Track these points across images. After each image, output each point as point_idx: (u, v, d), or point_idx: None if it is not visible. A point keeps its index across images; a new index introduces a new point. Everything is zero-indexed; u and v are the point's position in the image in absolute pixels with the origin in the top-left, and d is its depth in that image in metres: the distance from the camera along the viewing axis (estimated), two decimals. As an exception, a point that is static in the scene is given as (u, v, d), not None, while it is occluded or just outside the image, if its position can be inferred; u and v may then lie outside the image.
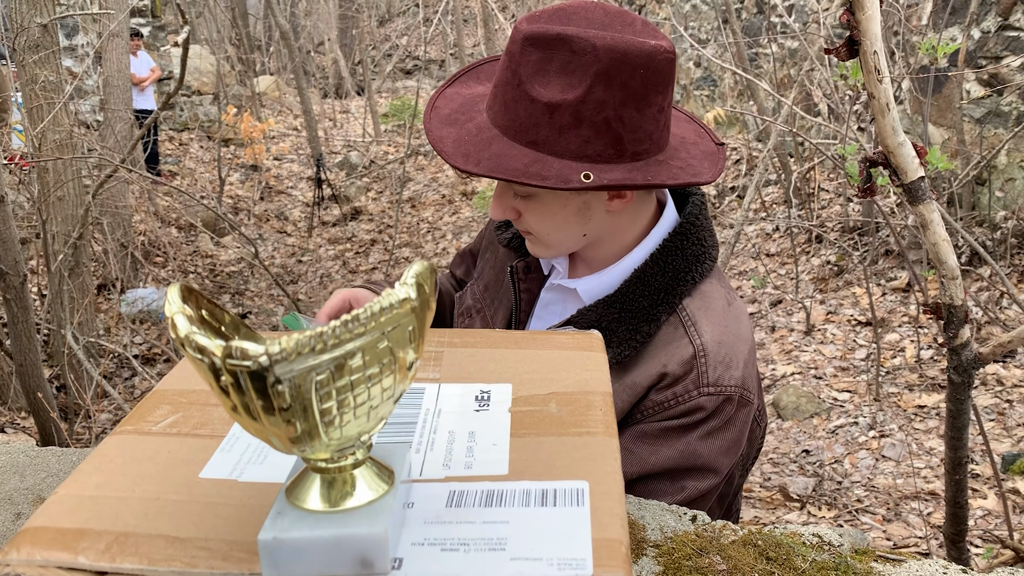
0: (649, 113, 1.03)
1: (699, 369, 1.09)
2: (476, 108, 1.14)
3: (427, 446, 0.66)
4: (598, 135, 1.02)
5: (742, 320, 1.15)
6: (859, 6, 1.35)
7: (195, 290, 0.53)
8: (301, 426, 0.47)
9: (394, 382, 0.50)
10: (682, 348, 1.10)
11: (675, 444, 1.09)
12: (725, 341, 1.11)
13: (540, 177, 1.01)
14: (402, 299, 0.48)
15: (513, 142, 1.05)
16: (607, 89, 1.00)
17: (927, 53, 2.86)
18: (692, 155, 1.11)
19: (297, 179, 11.43)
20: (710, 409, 1.09)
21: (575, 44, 0.99)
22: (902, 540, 3.48)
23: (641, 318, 1.12)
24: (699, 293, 1.14)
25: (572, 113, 1.01)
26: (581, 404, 0.70)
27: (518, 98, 1.04)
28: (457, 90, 1.20)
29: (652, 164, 1.05)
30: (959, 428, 1.82)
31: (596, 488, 0.58)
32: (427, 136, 1.13)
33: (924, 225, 1.51)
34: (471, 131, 1.09)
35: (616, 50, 0.99)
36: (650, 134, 1.05)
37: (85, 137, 6.30)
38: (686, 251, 1.14)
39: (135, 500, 0.60)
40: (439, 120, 1.14)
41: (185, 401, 0.73)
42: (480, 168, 1.04)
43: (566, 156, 1.03)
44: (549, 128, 1.02)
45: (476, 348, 0.81)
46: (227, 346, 0.44)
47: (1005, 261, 5.12)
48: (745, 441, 1.17)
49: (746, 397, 1.11)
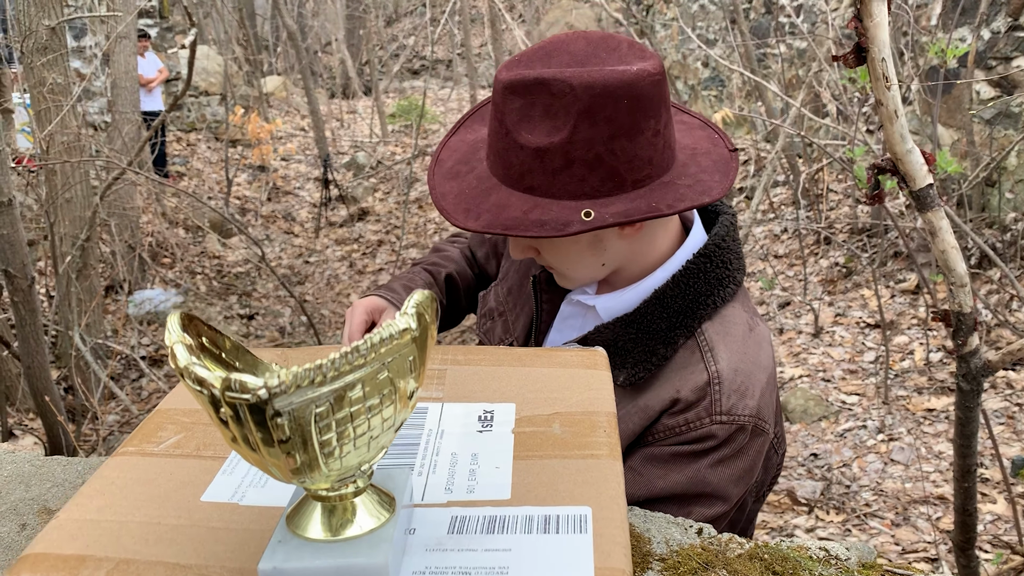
0: (642, 139, 1.01)
1: (712, 396, 1.07)
2: (478, 156, 1.13)
3: (429, 469, 0.65)
4: (592, 172, 1.00)
5: (763, 347, 1.13)
6: (867, 13, 1.34)
7: (195, 318, 0.53)
8: (301, 458, 0.47)
9: (395, 412, 0.49)
10: (697, 374, 1.08)
11: (684, 470, 1.08)
12: (742, 369, 1.09)
13: (538, 225, 1.00)
14: (402, 329, 0.47)
15: (512, 190, 1.05)
16: (592, 126, 0.98)
17: (937, 55, 2.85)
18: (703, 167, 1.08)
19: (304, 180, 11.45)
20: (722, 438, 1.07)
21: (553, 87, 0.98)
22: (911, 545, 3.46)
23: (658, 340, 1.11)
24: (720, 317, 1.12)
25: (562, 155, 1.00)
26: (585, 425, 0.70)
27: (508, 146, 1.04)
28: (462, 137, 1.20)
29: (657, 188, 1.03)
30: (968, 436, 1.80)
31: (599, 514, 0.58)
32: (430, 193, 1.12)
33: (933, 232, 1.50)
34: (471, 183, 1.09)
35: (595, 87, 0.97)
36: (649, 159, 1.03)
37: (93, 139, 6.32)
38: (709, 274, 1.12)
39: (136, 524, 0.59)
40: (442, 175, 1.14)
41: (188, 421, 0.73)
42: (480, 223, 1.03)
43: (564, 197, 1.01)
44: (542, 173, 1.01)
45: (479, 366, 0.80)
46: (226, 379, 0.44)
47: (1015, 263, 5.09)
48: (759, 469, 1.15)
49: (760, 427, 1.09)
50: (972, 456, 1.85)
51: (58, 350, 5.24)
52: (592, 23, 14.39)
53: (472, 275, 1.58)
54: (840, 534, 3.63)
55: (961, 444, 1.82)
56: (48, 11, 4.64)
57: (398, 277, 1.50)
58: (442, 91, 15.82)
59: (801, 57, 7.55)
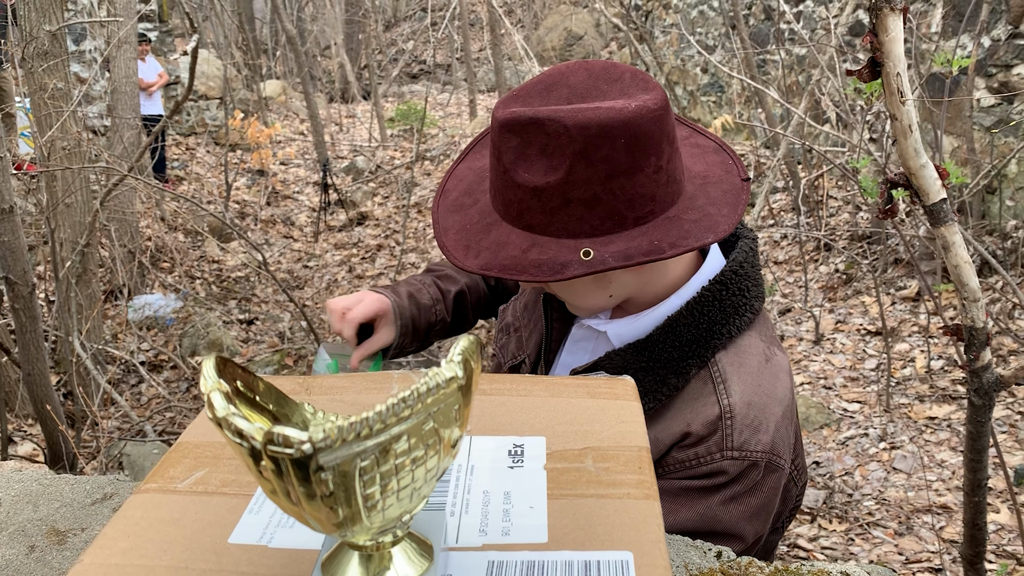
0: (642, 177, 0.98)
1: (724, 431, 1.04)
2: (482, 187, 1.11)
3: (462, 508, 0.64)
4: (591, 211, 0.98)
5: (779, 378, 1.09)
6: (882, 28, 1.33)
7: (229, 360, 0.51)
8: (343, 512, 0.45)
9: (438, 461, 0.48)
10: (708, 407, 1.05)
11: (695, 506, 1.05)
12: (756, 402, 1.05)
13: (535, 267, 0.98)
14: (449, 378, 0.46)
15: (512, 226, 1.03)
16: (589, 167, 0.96)
17: (941, 65, 2.84)
18: (712, 199, 1.05)
19: (303, 184, 11.43)
20: (733, 474, 1.04)
21: (548, 127, 0.96)
22: (914, 555, 3.45)
23: (669, 370, 1.08)
24: (735, 347, 1.09)
25: (559, 195, 0.98)
26: (619, 460, 0.68)
27: (506, 184, 1.02)
28: (470, 164, 1.18)
29: (661, 224, 1.00)
30: (979, 450, 1.79)
31: (641, 560, 0.56)
32: (433, 227, 1.11)
33: (946, 247, 1.49)
34: (474, 218, 1.08)
35: (590, 127, 0.94)
36: (651, 196, 1.00)
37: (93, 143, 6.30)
38: (725, 302, 1.09)
39: (163, 569, 0.58)
40: (446, 207, 1.12)
41: (210, 455, 0.72)
42: (478, 262, 1.02)
43: (563, 236, 1.00)
44: (540, 211, 0.99)
45: (506, 396, 0.79)
46: (268, 432, 0.43)
47: (1016, 271, 5.09)
48: (777, 503, 1.12)
49: (775, 463, 1.06)
50: (983, 471, 1.84)
51: (58, 356, 5.21)
52: (591, 28, 14.40)
53: (485, 288, 1.56)
54: (843, 543, 3.62)
55: (972, 458, 1.80)
56: (49, 16, 4.62)
57: (408, 283, 1.48)
58: (441, 95, 15.82)
59: (801, 63, 7.55)
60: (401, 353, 1.45)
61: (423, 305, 1.44)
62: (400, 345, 1.44)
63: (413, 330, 1.43)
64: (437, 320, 1.46)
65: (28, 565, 0.93)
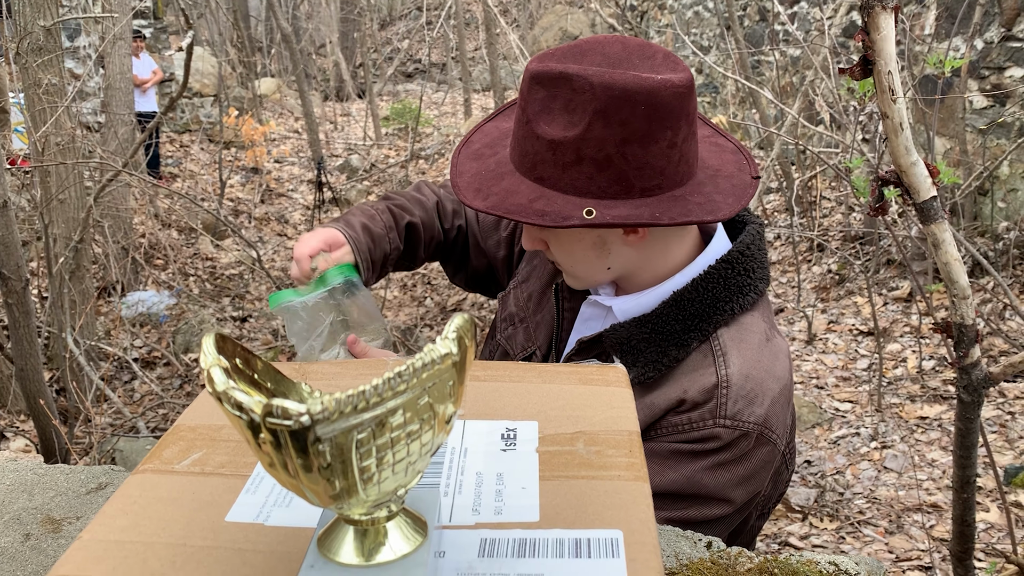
0: (656, 148, 1.02)
1: (719, 400, 1.07)
2: (504, 142, 1.15)
3: (455, 489, 0.65)
4: (600, 172, 1.02)
5: (779, 358, 1.13)
6: (874, 26, 1.34)
7: (228, 338, 0.52)
8: (340, 484, 0.46)
9: (433, 436, 0.49)
10: (706, 376, 1.09)
11: (681, 469, 1.08)
12: (753, 376, 1.08)
13: (539, 214, 1.02)
14: (444, 355, 0.47)
15: (524, 177, 1.07)
16: (606, 127, 1.00)
17: (935, 67, 2.87)
18: (719, 189, 1.08)
19: (298, 182, 11.42)
20: (725, 441, 1.07)
21: (575, 83, 1.00)
22: (904, 553, 3.47)
23: (671, 342, 1.11)
24: (737, 324, 1.12)
25: (574, 150, 1.01)
26: (609, 444, 0.69)
27: (526, 135, 1.06)
28: (498, 123, 1.22)
29: (665, 200, 1.04)
30: (968, 447, 1.81)
31: (630, 538, 0.58)
32: (451, 170, 1.15)
33: (936, 245, 1.51)
34: (490, 166, 1.12)
35: (614, 88, 0.98)
36: (661, 169, 1.03)
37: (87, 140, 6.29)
38: (730, 280, 1.12)
39: (162, 546, 0.59)
40: (467, 155, 1.16)
41: (207, 438, 0.72)
42: (486, 203, 1.06)
43: (570, 192, 1.03)
44: (553, 165, 1.03)
45: (500, 382, 0.80)
46: (267, 404, 0.44)
47: (1007, 272, 5.12)
48: (767, 480, 1.14)
49: (767, 436, 1.08)
50: (972, 467, 1.85)
51: (51, 352, 5.21)
52: (586, 28, 14.42)
53: (440, 230, 1.53)
54: (834, 541, 3.64)
55: (961, 455, 1.82)
56: (43, 11, 4.62)
57: (361, 211, 1.46)
58: (436, 94, 15.82)
59: (795, 65, 7.58)
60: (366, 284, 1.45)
61: (377, 235, 1.42)
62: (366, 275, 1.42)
63: (371, 262, 1.41)
64: (392, 248, 1.45)
65: (23, 553, 0.93)
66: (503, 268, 1.50)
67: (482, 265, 1.53)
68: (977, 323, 1.62)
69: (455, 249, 1.54)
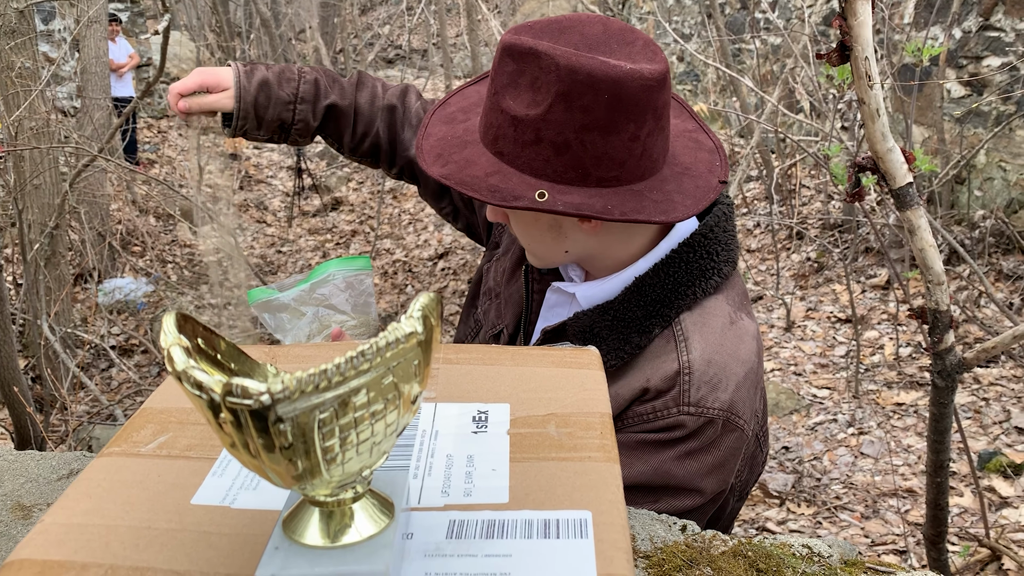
0: (616, 140, 0.99)
1: (681, 387, 1.05)
2: (477, 110, 1.13)
3: (425, 471, 0.64)
4: (558, 155, 1.00)
5: (743, 341, 1.10)
6: (851, 12, 1.34)
7: (190, 317, 0.51)
8: (303, 464, 0.46)
9: (398, 417, 0.48)
10: (668, 363, 1.07)
11: (649, 460, 1.06)
12: (716, 361, 1.07)
13: (491, 190, 1.01)
14: (408, 333, 0.46)
15: (486, 149, 1.06)
16: (567, 111, 0.98)
17: (912, 55, 2.88)
18: (682, 189, 1.06)
19: (277, 168, 11.33)
20: (690, 428, 1.05)
21: (542, 61, 0.98)
22: (880, 538, 3.51)
23: (633, 328, 1.09)
24: (700, 308, 1.10)
25: (534, 130, 1.00)
26: (580, 426, 0.69)
27: (492, 107, 1.04)
28: (478, 88, 1.20)
29: (621, 193, 1.02)
30: (942, 432, 1.83)
31: (599, 518, 0.57)
32: (419, 131, 1.13)
33: (912, 231, 1.51)
34: (458, 132, 1.10)
35: (579, 72, 0.96)
36: (620, 162, 1.01)
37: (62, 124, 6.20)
38: (691, 264, 1.10)
39: (125, 529, 0.58)
40: (440, 117, 1.15)
41: (174, 420, 0.71)
42: (442, 171, 1.05)
43: (526, 171, 1.02)
44: (513, 141, 1.02)
45: (472, 365, 0.79)
46: (227, 383, 0.43)
47: (983, 260, 5.17)
48: (739, 466, 1.13)
49: (733, 422, 1.07)
50: (945, 452, 1.87)
51: (26, 339, 5.15)
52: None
53: (387, 135, 1.48)
54: (811, 527, 3.67)
55: (934, 440, 1.84)
56: (16, -7, 4.55)
57: (282, 70, 1.42)
58: (417, 80, 15.72)
59: (776, 53, 7.59)
60: (247, 136, 1.41)
61: (277, 97, 1.38)
62: (242, 128, 1.39)
63: (256, 117, 1.37)
64: (296, 120, 1.40)
65: (-7, 539, 0.92)
66: (484, 225, 1.48)
67: (463, 204, 1.51)
68: (951, 309, 1.63)
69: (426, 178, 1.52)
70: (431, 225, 8.85)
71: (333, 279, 1.33)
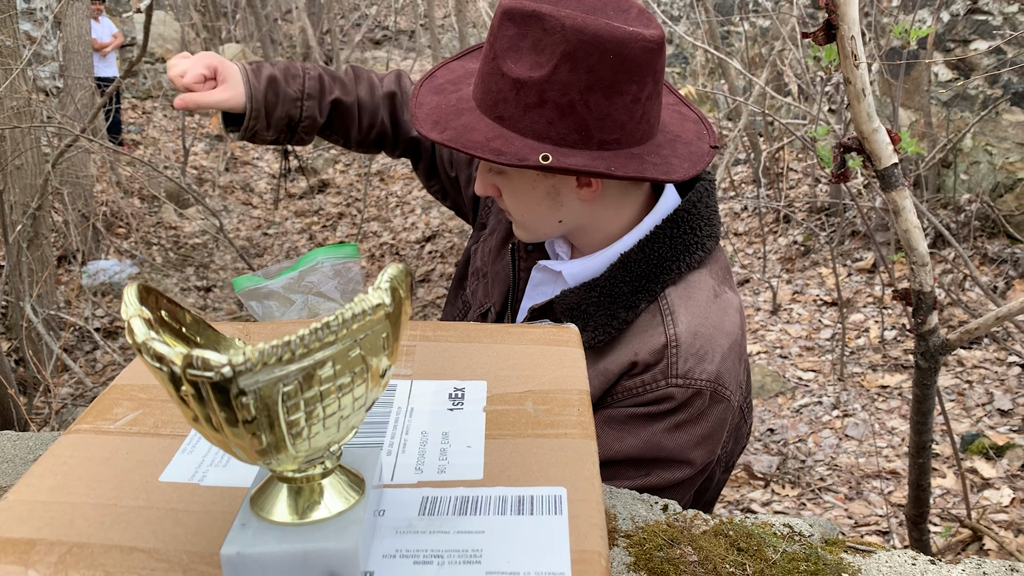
0: (620, 102, 1.01)
1: (669, 359, 1.06)
2: (468, 82, 1.13)
3: (399, 448, 0.63)
4: (562, 117, 1.01)
5: (727, 313, 1.12)
6: (838, -9, 1.33)
7: (154, 289, 0.50)
8: (267, 439, 0.45)
9: (366, 391, 0.47)
10: (655, 337, 1.08)
11: (640, 433, 1.08)
12: (702, 333, 1.08)
13: (495, 152, 1.01)
14: (375, 305, 0.45)
15: (484, 115, 1.05)
16: (572, 71, 0.98)
17: (900, 37, 2.87)
18: (677, 153, 1.08)
19: (263, 150, 11.25)
20: (679, 400, 1.07)
21: (547, 22, 0.98)
22: (863, 519, 3.54)
23: (619, 304, 1.10)
24: (685, 282, 1.12)
25: (537, 92, 1.00)
26: (558, 403, 0.68)
27: (491, 72, 1.04)
28: (464, 63, 1.20)
29: (621, 155, 1.03)
30: (924, 413, 1.83)
31: (574, 495, 0.56)
32: (409, 101, 1.12)
33: (896, 212, 1.51)
34: (451, 101, 1.09)
35: (585, 32, 0.97)
36: (622, 124, 1.02)
37: (44, 104, 6.13)
38: (676, 239, 1.11)
39: (90, 506, 0.57)
40: (429, 88, 1.14)
41: (145, 397, 0.70)
42: (443, 136, 1.04)
43: (529, 135, 1.02)
44: (515, 105, 1.02)
45: (450, 342, 0.78)
46: (187, 355, 0.41)
47: (968, 243, 5.19)
48: (725, 437, 1.14)
49: (720, 393, 1.08)
50: (928, 433, 1.88)
51: (8, 321, 5.11)
52: (557, -3, 14.25)
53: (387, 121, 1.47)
54: (795, 508, 3.70)
55: (917, 421, 1.84)
56: (-4, -30, 4.47)
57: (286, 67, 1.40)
58: (404, 62, 15.61)
59: (764, 35, 7.57)
60: (255, 138, 1.39)
61: (284, 94, 1.36)
62: (252, 129, 1.37)
63: (266, 115, 1.36)
64: (303, 116, 1.39)
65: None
66: (470, 205, 1.48)
67: (450, 185, 1.51)
68: (935, 291, 1.63)
69: (423, 156, 1.51)
70: (418, 208, 8.82)
71: (321, 266, 1.32)
